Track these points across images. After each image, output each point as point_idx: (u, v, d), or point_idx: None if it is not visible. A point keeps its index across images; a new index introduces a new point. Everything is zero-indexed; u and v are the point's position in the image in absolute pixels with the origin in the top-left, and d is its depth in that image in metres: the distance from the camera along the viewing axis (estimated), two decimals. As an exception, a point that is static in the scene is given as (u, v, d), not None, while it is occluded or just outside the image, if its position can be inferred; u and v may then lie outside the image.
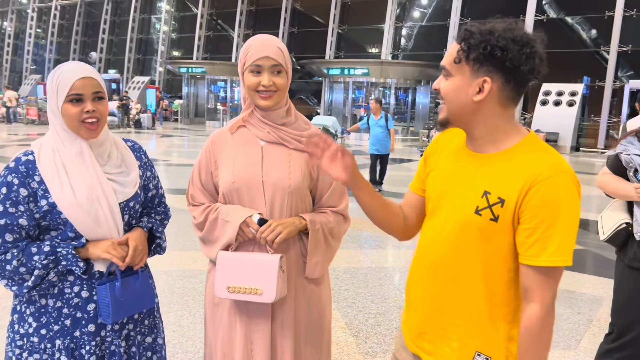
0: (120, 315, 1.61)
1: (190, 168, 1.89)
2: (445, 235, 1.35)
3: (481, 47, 1.21)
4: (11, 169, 1.53)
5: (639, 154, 2.29)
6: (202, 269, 4.48)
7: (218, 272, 1.69)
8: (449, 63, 1.28)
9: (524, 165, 1.23)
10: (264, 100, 1.70)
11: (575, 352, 3.35)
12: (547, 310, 1.24)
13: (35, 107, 23.49)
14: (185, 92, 28.49)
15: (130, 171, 1.68)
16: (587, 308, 4.07)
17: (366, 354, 3.22)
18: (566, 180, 1.21)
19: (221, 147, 1.78)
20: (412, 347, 1.45)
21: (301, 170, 1.73)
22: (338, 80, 23.97)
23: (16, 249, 1.50)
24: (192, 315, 3.64)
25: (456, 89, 1.27)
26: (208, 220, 1.75)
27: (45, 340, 1.58)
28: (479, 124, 1.29)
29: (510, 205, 1.23)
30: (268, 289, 1.63)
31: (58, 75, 1.53)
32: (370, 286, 4.41)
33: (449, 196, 1.36)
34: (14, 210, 1.50)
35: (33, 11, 39.35)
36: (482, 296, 1.30)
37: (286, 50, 1.75)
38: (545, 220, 1.20)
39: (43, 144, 1.58)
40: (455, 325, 1.34)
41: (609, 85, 19.35)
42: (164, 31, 33.06)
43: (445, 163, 1.42)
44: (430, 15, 25.41)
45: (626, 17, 19.17)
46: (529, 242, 1.22)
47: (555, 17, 21.79)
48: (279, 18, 28.00)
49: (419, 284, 1.43)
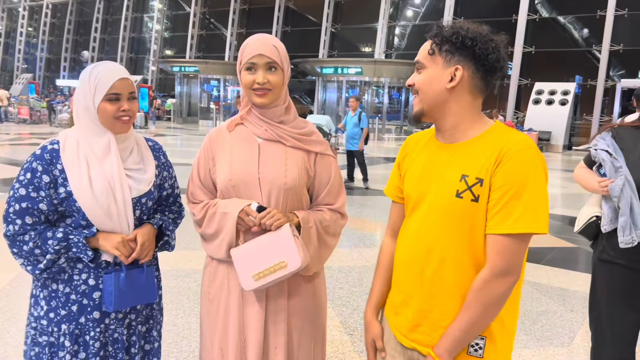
0: (122, 305, 1.68)
1: (183, 167, 1.89)
2: (429, 227, 1.39)
3: (453, 38, 1.33)
4: (37, 156, 1.63)
5: (605, 149, 2.30)
6: (196, 268, 4.47)
7: (238, 268, 1.69)
8: (423, 56, 1.39)
9: (495, 144, 1.32)
10: (259, 98, 1.71)
11: (568, 349, 3.37)
12: (494, 275, 1.29)
13: (26, 107, 23.35)
14: (178, 91, 28.41)
15: (147, 169, 1.76)
16: (580, 305, 4.10)
17: (361, 353, 3.22)
18: (532, 155, 1.29)
19: (219, 145, 1.79)
20: (406, 342, 1.46)
21: (298, 168, 1.74)
22: (331, 80, 23.99)
23: (34, 232, 1.60)
24: (186, 315, 3.63)
25: (430, 79, 1.37)
26: (207, 215, 1.76)
27: (52, 323, 1.67)
28: (451, 113, 1.38)
29: (486, 182, 1.30)
30: (292, 258, 1.64)
31: (96, 75, 1.63)
32: (365, 285, 4.41)
33: (428, 189, 1.41)
34: (36, 195, 1.59)
35: (24, 9, 39.09)
36: (470, 278, 1.34)
37: (283, 48, 1.75)
38: (510, 190, 1.26)
39: (69, 135, 1.67)
40: (448, 313, 1.37)
41: (601, 84, 19.48)
42: (157, 30, 32.94)
43: (418, 161, 1.48)
44: (423, 15, 25.47)
45: (618, 17, 19.31)
46: (493, 211, 1.29)
47: (548, 16, 21.90)
48: (272, 17, 27.98)
49: (408, 280, 1.45)
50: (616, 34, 19.33)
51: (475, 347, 1.36)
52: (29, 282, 1.81)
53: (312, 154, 1.78)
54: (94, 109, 1.63)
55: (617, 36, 19.33)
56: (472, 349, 1.36)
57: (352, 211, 7.16)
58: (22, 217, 1.59)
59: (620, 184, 2.19)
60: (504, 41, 1.36)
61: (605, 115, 19.55)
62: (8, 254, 1.66)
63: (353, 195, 8.57)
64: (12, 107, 23.45)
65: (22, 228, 1.59)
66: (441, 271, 1.37)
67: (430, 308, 1.40)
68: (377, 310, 1.61)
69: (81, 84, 1.65)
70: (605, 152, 2.29)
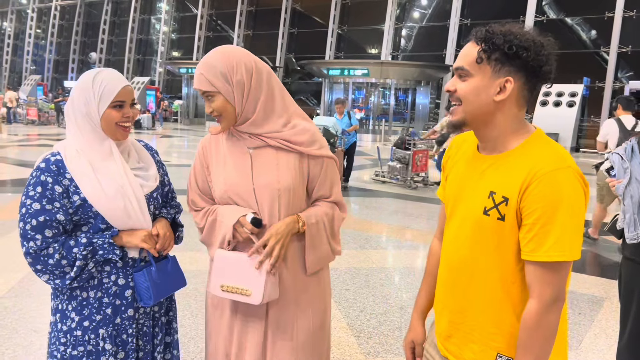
0: (160, 297, 1.75)
1: (190, 168, 1.90)
2: (463, 238, 1.36)
3: (506, 47, 1.23)
4: (42, 169, 1.62)
5: (619, 153, 2.47)
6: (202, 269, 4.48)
7: (214, 270, 1.71)
8: (469, 63, 1.27)
9: (525, 162, 1.24)
10: (219, 126, 1.72)
11: (576, 353, 3.35)
12: (545, 306, 1.23)
13: (35, 108, 23.48)
14: (185, 93, 28.46)
15: (149, 166, 1.81)
16: (589, 309, 4.08)
17: (368, 355, 3.22)
18: (567, 175, 1.21)
19: (211, 153, 1.78)
20: (442, 350, 1.47)
21: (290, 170, 1.70)
22: (338, 81, 23.97)
23: (57, 243, 1.60)
24: (193, 316, 3.65)
25: (477, 89, 1.27)
26: (207, 222, 1.76)
27: (88, 331, 1.68)
28: (495, 125, 1.30)
29: (513, 202, 1.24)
30: (256, 291, 1.63)
31: (100, 82, 1.64)
32: (372, 286, 4.41)
33: (462, 199, 1.38)
34: (51, 207, 1.59)
35: (33, 11, 39.34)
36: (499, 297, 1.31)
37: (216, 68, 1.62)
38: (543, 215, 1.20)
39: (66, 146, 1.67)
40: (477, 328, 1.35)
41: (609, 86, 19.36)
42: (164, 32, 33.06)
43: (458, 167, 1.45)
44: (430, 16, 25.42)
45: (626, 18, 19.19)
46: (528, 237, 1.23)
47: (555, 17, 21.80)
48: (278, 18, 28.01)
49: (444, 288, 1.45)
50: (625, 35, 19.21)
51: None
52: (38, 282, 1.84)
53: (304, 156, 1.73)
54: (97, 115, 1.64)
55: (625, 37, 19.21)
56: None
57: (359, 213, 7.19)
58: (42, 232, 1.58)
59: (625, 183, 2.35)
60: (554, 47, 1.27)
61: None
62: (16, 254, 1.68)
63: (359, 197, 8.58)
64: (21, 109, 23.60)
65: (43, 242, 1.58)
66: (472, 286, 1.35)
67: (460, 321, 1.39)
68: (422, 314, 1.60)
69: (82, 91, 1.64)
70: (618, 155, 2.46)
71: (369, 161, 13.69)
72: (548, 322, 1.24)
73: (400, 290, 4.39)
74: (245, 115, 1.67)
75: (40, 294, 3.79)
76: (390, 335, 3.49)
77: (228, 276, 1.68)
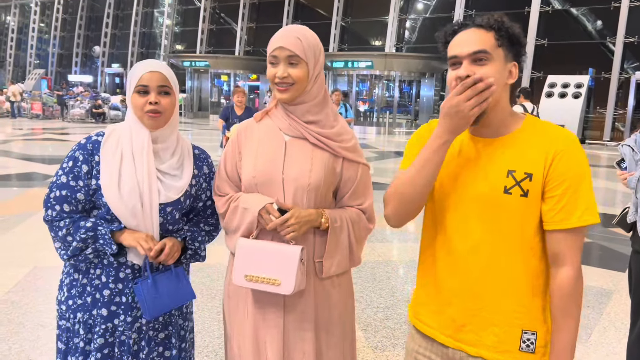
0: (158, 312, 1.68)
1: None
2: (474, 224, 1.36)
3: (516, 34, 1.33)
4: (81, 145, 1.68)
5: (630, 145, 2.43)
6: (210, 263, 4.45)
7: (237, 260, 1.66)
8: (491, 47, 1.29)
9: (541, 140, 1.33)
10: (280, 93, 1.66)
11: (585, 346, 3.33)
12: (579, 270, 1.32)
13: (39, 102, 23.53)
14: (189, 86, 28.50)
15: (183, 177, 1.75)
16: (597, 301, 4.05)
17: (375, 348, 3.21)
18: (580, 148, 1.34)
19: (246, 139, 1.75)
20: (451, 343, 1.43)
21: (323, 169, 1.67)
22: (342, 73, 23.92)
23: (69, 219, 1.64)
24: (200, 310, 3.64)
25: (499, 72, 1.31)
26: (230, 209, 1.72)
27: (70, 310, 1.71)
28: (501, 108, 1.36)
29: (538, 177, 1.30)
30: (287, 281, 1.59)
31: (134, 68, 1.68)
32: (378, 280, 4.40)
33: (465, 184, 1.37)
34: (74, 184, 1.64)
35: (36, 5, 39.34)
36: (521, 273, 1.35)
37: (310, 41, 1.66)
38: (572, 185, 1.29)
39: (116, 129, 1.71)
40: (498, 310, 1.36)
41: (615, 77, 19.24)
42: (167, 25, 33.02)
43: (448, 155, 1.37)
44: (434, 8, 25.29)
45: (632, 8, 19.02)
46: (557, 207, 1.30)
47: (561, 8, 21.63)
48: (282, 11, 27.91)
49: (452, 278, 1.42)
50: (631, 25, 19.05)
51: (527, 343, 1.36)
52: (44, 277, 1.84)
53: (339, 158, 1.70)
54: (129, 101, 1.68)
55: (631, 28, 19.05)
56: (524, 345, 1.36)
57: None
58: (61, 204, 1.64)
59: (637, 175, 2.27)
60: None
61: (619, 109, 19.31)
62: (23, 248, 1.67)
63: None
64: (25, 103, 23.64)
65: (59, 215, 1.64)
66: (490, 268, 1.35)
67: (478, 306, 1.37)
68: None
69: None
70: (628, 147, 2.40)
71: (373, 154, 13.65)
72: (581, 286, 1.33)
73: (406, 284, 4.37)
74: (306, 97, 1.68)
75: (46, 289, 3.77)
76: (397, 328, 3.48)
77: (253, 266, 1.63)
